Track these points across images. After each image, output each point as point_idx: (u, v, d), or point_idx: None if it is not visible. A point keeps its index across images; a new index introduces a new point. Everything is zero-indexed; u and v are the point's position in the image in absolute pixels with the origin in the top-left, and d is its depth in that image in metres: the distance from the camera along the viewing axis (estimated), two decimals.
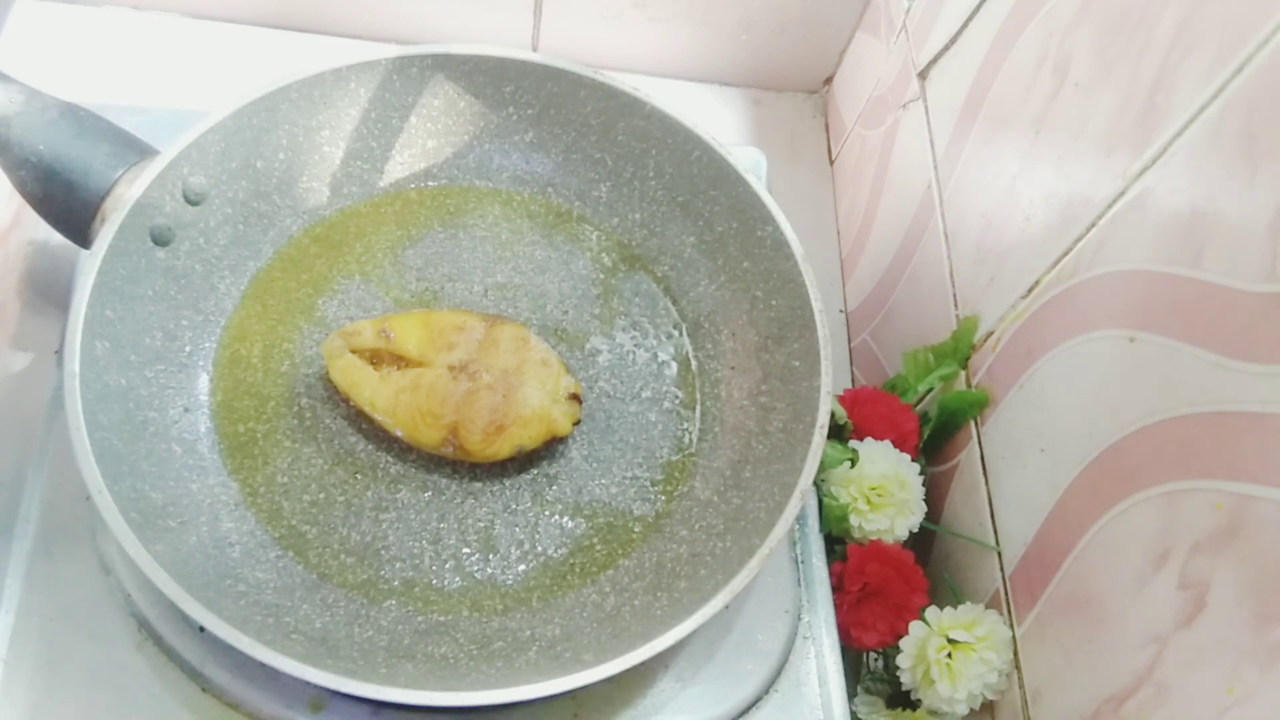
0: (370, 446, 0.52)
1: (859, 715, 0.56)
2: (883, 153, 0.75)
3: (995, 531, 0.55)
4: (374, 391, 0.51)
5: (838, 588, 0.55)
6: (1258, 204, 0.38)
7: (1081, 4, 0.51)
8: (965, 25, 0.63)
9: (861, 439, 0.59)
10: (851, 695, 0.55)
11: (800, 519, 0.55)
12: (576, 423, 0.53)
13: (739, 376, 0.56)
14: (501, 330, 0.53)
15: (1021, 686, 0.51)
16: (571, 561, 0.51)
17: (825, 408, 0.50)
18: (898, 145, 0.73)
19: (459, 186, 0.61)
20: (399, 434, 0.51)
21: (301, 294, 0.56)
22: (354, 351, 0.52)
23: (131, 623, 0.47)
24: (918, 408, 0.62)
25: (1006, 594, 0.53)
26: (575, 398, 0.53)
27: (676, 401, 0.57)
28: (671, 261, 0.60)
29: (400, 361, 0.52)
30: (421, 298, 0.58)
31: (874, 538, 0.56)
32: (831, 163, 0.87)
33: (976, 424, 0.58)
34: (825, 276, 0.80)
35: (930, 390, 0.61)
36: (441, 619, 0.49)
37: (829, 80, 0.89)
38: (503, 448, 0.51)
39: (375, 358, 0.52)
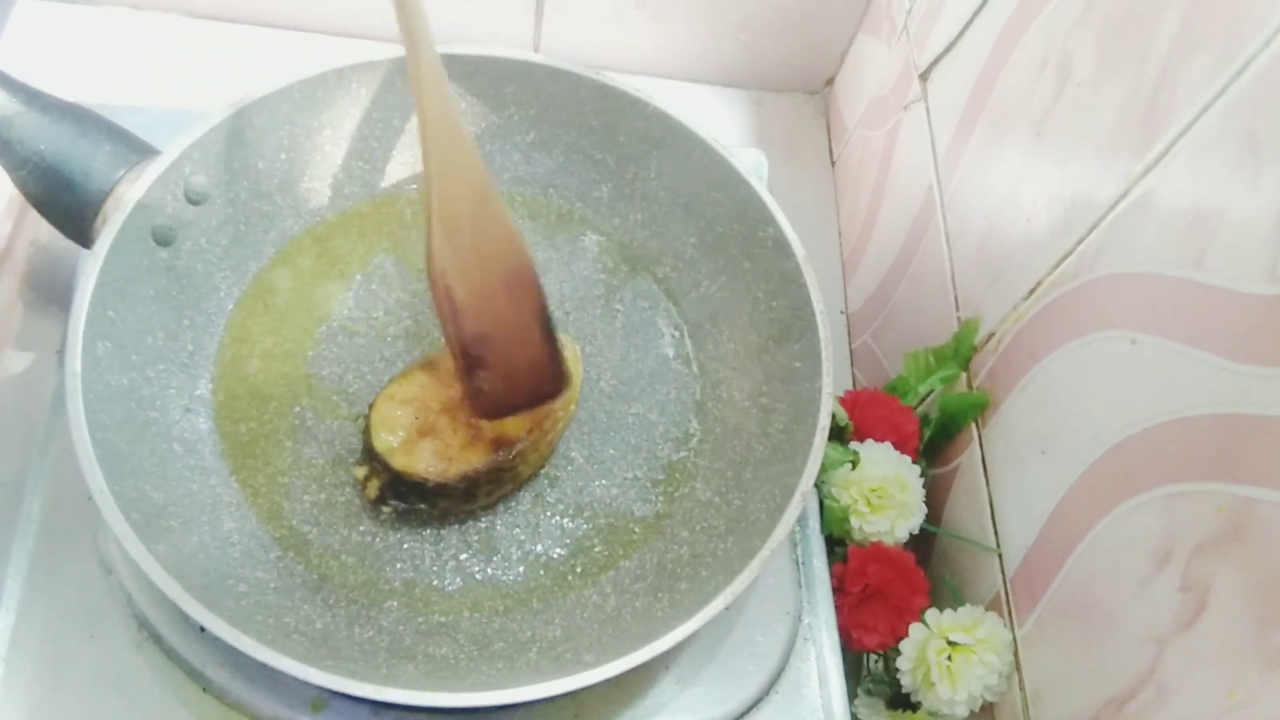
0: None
1: (859, 717, 0.56)
2: (884, 154, 0.75)
3: (996, 533, 0.55)
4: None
5: (838, 589, 0.55)
6: (1261, 205, 0.38)
7: (1084, 5, 0.51)
8: (967, 26, 0.63)
9: (862, 440, 0.59)
10: (852, 697, 0.55)
11: (801, 520, 0.55)
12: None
13: (740, 377, 0.56)
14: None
15: (1022, 688, 0.51)
16: (572, 562, 0.51)
17: (826, 409, 0.50)
18: (899, 146, 0.73)
19: None
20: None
21: (302, 294, 0.56)
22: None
23: (132, 623, 0.47)
24: (919, 409, 0.62)
25: (1007, 596, 0.53)
26: None
27: (677, 403, 0.57)
28: (673, 262, 0.60)
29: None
30: (422, 298, 0.58)
31: (874, 539, 0.56)
32: (833, 164, 0.87)
33: (977, 426, 0.58)
34: (826, 278, 0.80)
35: (931, 392, 0.61)
36: (442, 620, 0.49)
37: (830, 81, 0.89)
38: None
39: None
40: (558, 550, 0.51)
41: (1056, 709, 0.48)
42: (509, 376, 0.50)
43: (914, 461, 0.58)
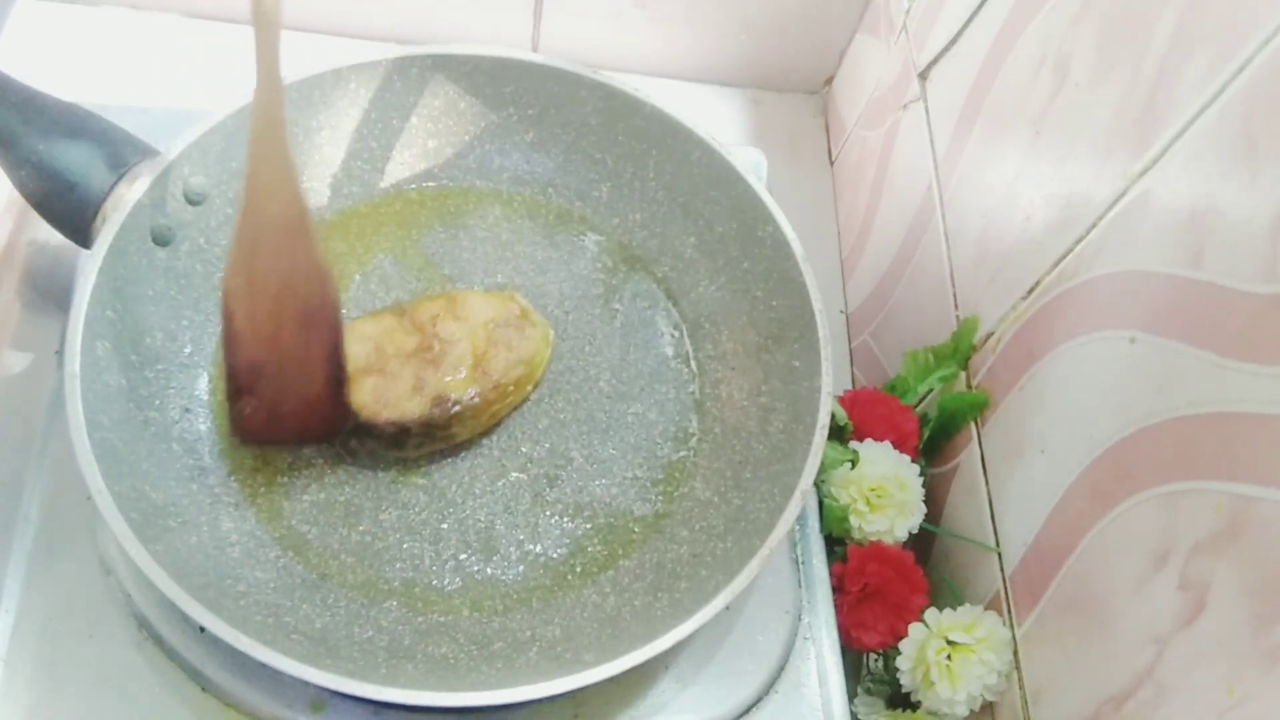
0: (370, 446, 0.52)
1: (859, 716, 0.56)
2: (883, 153, 0.75)
3: (995, 532, 0.55)
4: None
5: (838, 588, 0.55)
6: (1258, 204, 0.38)
7: (1082, 4, 0.51)
8: (965, 26, 0.63)
9: (861, 440, 0.59)
10: (851, 696, 0.55)
11: (800, 520, 0.55)
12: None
13: (739, 377, 0.56)
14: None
15: (1022, 687, 0.51)
16: (572, 562, 0.51)
17: (825, 408, 0.50)
18: (898, 146, 0.73)
19: (459, 187, 0.61)
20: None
21: None
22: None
23: (131, 623, 0.47)
24: (918, 409, 0.62)
25: (1007, 595, 0.53)
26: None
27: (677, 402, 0.57)
28: (672, 262, 0.60)
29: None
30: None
31: (874, 539, 0.56)
32: (832, 163, 0.87)
33: (977, 425, 0.58)
34: (825, 277, 0.80)
35: (930, 391, 0.61)
36: (441, 619, 0.49)
37: (829, 81, 0.89)
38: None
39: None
40: (557, 550, 0.52)
41: (1056, 708, 0.48)
42: (276, 411, 0.49)
43: (913, 461, 0.58)
